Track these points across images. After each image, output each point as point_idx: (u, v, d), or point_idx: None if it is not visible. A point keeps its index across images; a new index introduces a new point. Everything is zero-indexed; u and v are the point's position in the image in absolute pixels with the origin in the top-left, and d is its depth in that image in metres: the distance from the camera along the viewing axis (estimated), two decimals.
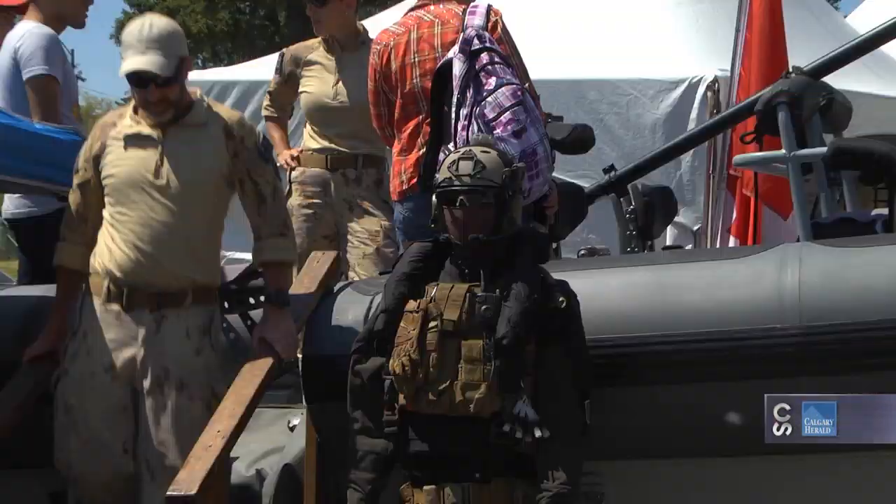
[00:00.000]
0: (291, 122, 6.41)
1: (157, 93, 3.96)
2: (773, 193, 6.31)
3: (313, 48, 5.80)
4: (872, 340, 3.83)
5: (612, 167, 5.55)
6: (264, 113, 6.21)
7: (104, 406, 4.03)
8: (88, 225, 4.20)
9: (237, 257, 5.74)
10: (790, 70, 5.28)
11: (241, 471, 4.54)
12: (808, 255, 4.09)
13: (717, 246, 6.88)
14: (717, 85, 7.51)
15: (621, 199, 5.58)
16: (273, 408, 4.70)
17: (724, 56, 7.29)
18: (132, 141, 4.09)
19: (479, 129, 4.52)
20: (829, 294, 3.91)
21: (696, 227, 7.29)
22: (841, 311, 3.86)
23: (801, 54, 6.41)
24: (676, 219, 6.68)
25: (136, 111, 4.13)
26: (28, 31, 5.41)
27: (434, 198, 3.98)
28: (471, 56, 4.62)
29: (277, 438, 4.70)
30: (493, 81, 4.60)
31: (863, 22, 11.79)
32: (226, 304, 5.10)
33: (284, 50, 6.07)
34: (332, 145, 5.59)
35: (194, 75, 10.23)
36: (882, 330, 3.81)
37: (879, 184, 5.14)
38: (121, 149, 4.10)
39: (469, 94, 4.60)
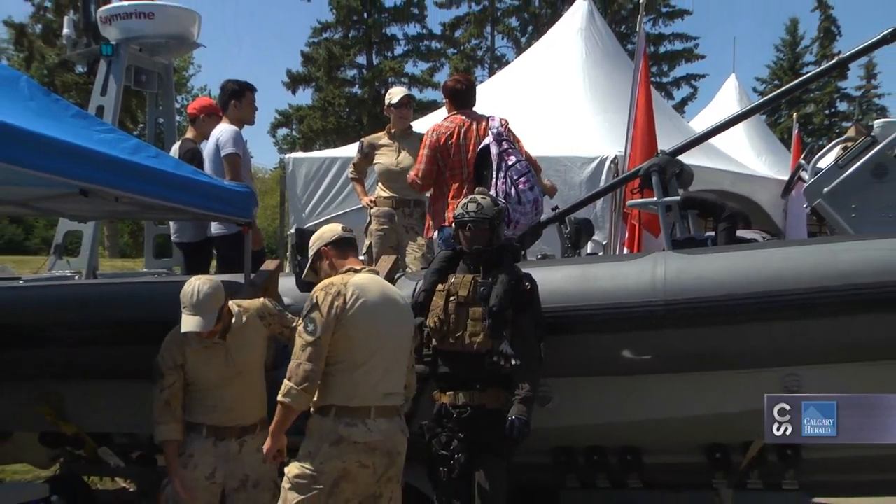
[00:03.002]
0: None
1: (206, 334, 3.69)
2: (649, 223, 6.27)
3: (381, 137, 5.72)
4: (707, 308, 3.80)
5: (556, 207, 5.48)
6: (350, 176, 6.08)
7: (203, 502, 3.78)
8: (175, 409, 3.82)
9: None
10: (659, 152, 5.23)
11: None
12: (669, 258, 4.06)
13: (617, 253, 6.86)
14: (616, 160, 7.48)
15: (561, 226, 5.52)
16: None
17: (621, 143, 7.25)
18: (204, 348, 3.78)
19: (511, 184, 4.63)
20: (681, 281, 3.89)
21: (604, 243, 7.24)
22: (688, 291, 3.85)
23: (664, 143, 6.38)
24: (594, 238, 6.62)
25: None
26: (224, 128, 5.40)
27: (454, 224, 4.00)
28: (499, 143, 4.72)
29: None
30: (513, 158, 4.70)
31: (699, 124, 11.85)
32: None
33: (363, 139, 5.98)
34: (395, 194, 5.52)
35: (317, 153, 10.21)
36: (712, 301, 3.79)
37: (709, 217, 5.13)
38: (198, 356, 3.78)
39: (503, 165, 4.66)
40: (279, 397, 3.25)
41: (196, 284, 3.69)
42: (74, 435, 5.13)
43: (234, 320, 3.83)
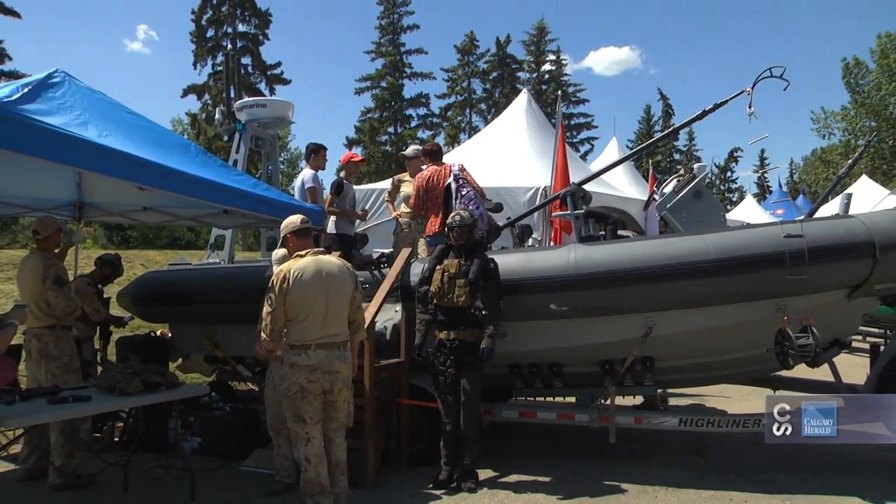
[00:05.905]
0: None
1: None
2: (566, 226, 6.15)
3: (404, 176, 5.57)
4: (601, 277, 3.76)
5: (509, 217, 5.43)
6: (385, 199, 5.95)
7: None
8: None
9: (378, 250, 5.56)
10: (571, 183, 5.16)
11: (378, 326, 4.30)
12: (578, 248, 4.00)
13: (546, 245, 6.77)
14: (546, 188, 7.37)
15: (512, 229, 5.47)
16: (390, 303, 4.54)
17: (548, 177, 7.13)
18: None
19: (464, 206, 4.39)
20: (586, 261, 3.84)
21: (539, 239, 7.12)
22: (589, 267, 3.80)
23: (574, 177, 6.23)
24: (532, 236, 6.53)
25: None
26: (307, 172, 5.22)
27: (446, 229, 3.92)
28: (457, 181, 4.56)
29: (392, 315, 4.45)
30: (465, 190, 4.53)
31: (595, 167, 11.67)
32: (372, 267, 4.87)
33: (393, 177, 5.83)
34: (413, 211, 5.42)
35: (364, 186, 9.82)
36: (604, 273, 3.73)
37: (601, 223, 5.08)
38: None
39: (459, 195, 4.51)
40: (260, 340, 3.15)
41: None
42: (223, 357, 5.13)
43: None
